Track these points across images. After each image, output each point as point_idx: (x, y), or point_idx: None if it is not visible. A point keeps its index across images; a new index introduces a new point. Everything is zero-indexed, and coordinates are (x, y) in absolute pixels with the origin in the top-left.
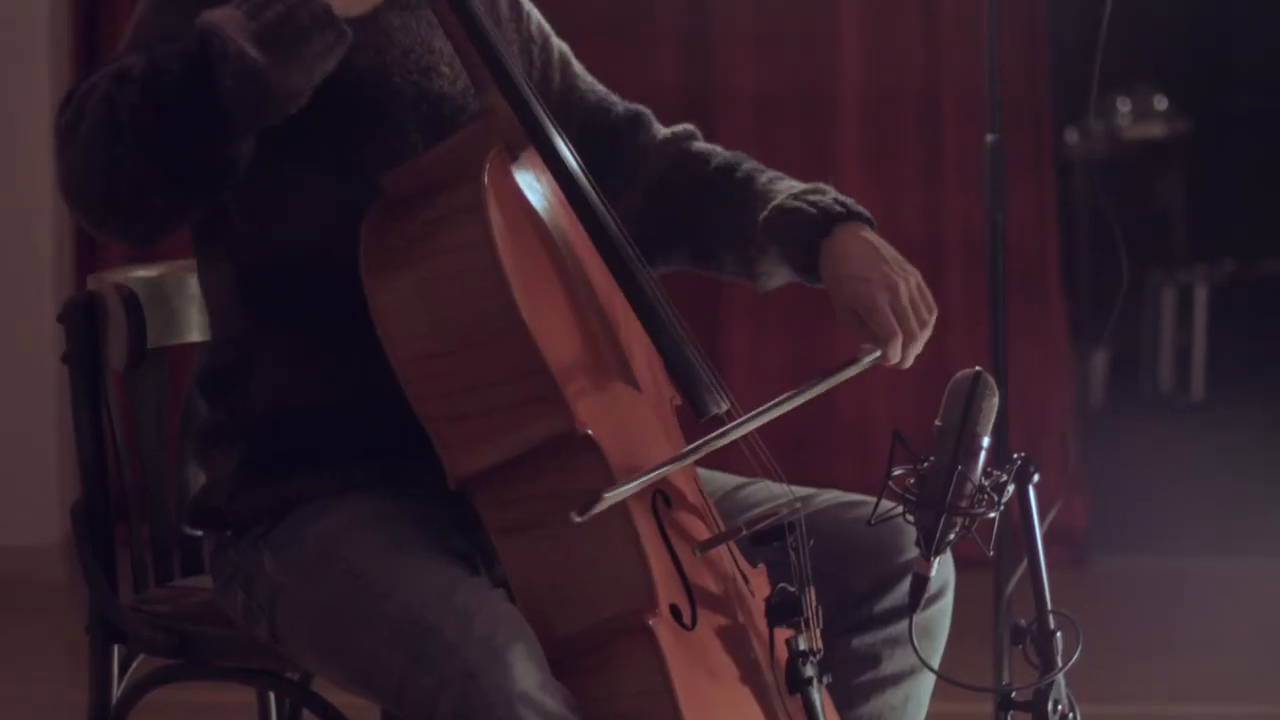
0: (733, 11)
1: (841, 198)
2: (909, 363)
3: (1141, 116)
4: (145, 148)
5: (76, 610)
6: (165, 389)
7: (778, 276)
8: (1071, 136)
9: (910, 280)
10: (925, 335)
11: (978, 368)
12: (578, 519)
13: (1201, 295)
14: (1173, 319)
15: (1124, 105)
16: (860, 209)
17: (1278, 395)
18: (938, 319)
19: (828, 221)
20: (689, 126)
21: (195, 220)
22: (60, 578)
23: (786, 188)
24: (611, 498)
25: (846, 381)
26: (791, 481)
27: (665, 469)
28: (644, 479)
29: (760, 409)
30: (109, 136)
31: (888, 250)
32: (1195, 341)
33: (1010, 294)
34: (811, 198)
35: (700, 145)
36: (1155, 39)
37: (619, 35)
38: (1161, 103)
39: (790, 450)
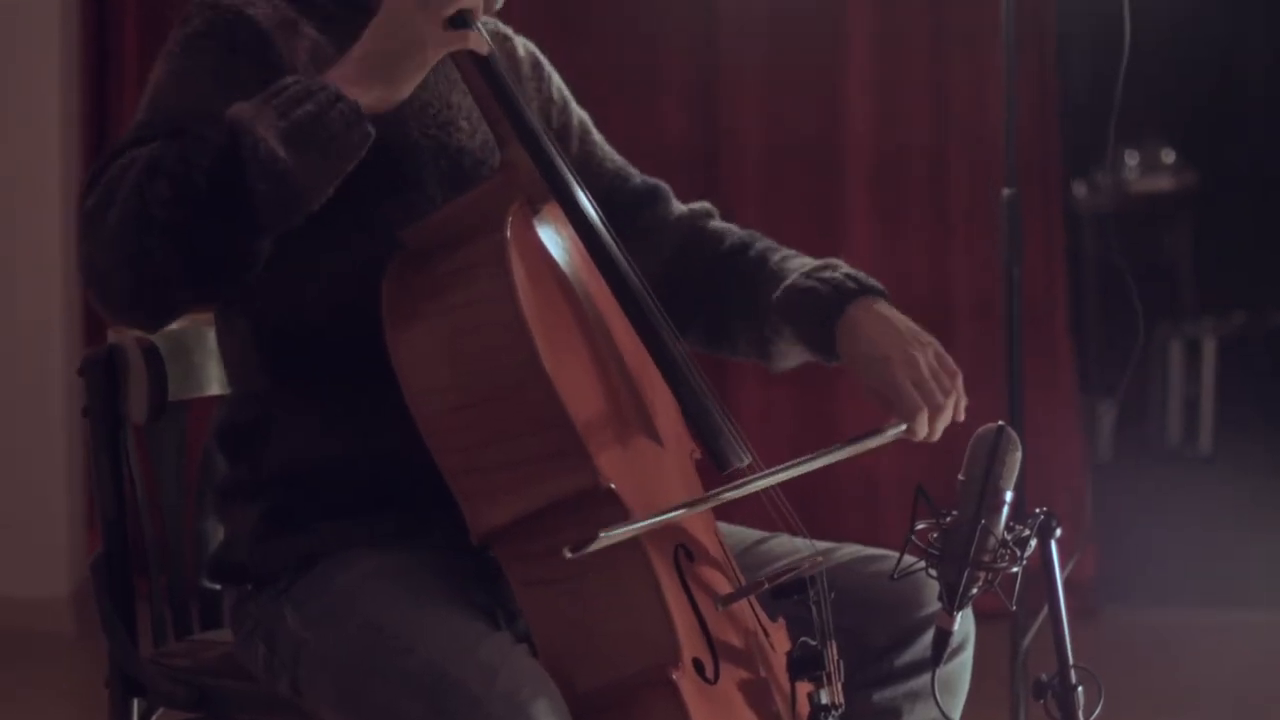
0: (740, 65)
1: (853, 272)
2: (937, 435)
3: (1149, 170)
4: (174, 243)
5: (87, 663)
6: (184, 442)
7: (792, 357)
8: (1079, 190)
9: (928, 351)
10: (952, 403)
11: (1001, 422)
12: (569, 555)
13: (1210, 348)
14: (1181, 371)
15: (1132, 159)
16: (872, 283)
17: None
18: None
19: (841, 299)
20: (706, 205)
21: None
22: (69, 630)
23: (798, 266)
24: (607, 538)
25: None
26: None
27: (659, 519)
28: (641, 525)
29: (780, 467)
30: (138, 230)
31: (903, 322)
32: (1203, 393)
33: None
34: (823, 275)
35: (716, 224)
36: (1163, 93)
37: (627, 88)
38: (1169, 156)
39: (794, 501)
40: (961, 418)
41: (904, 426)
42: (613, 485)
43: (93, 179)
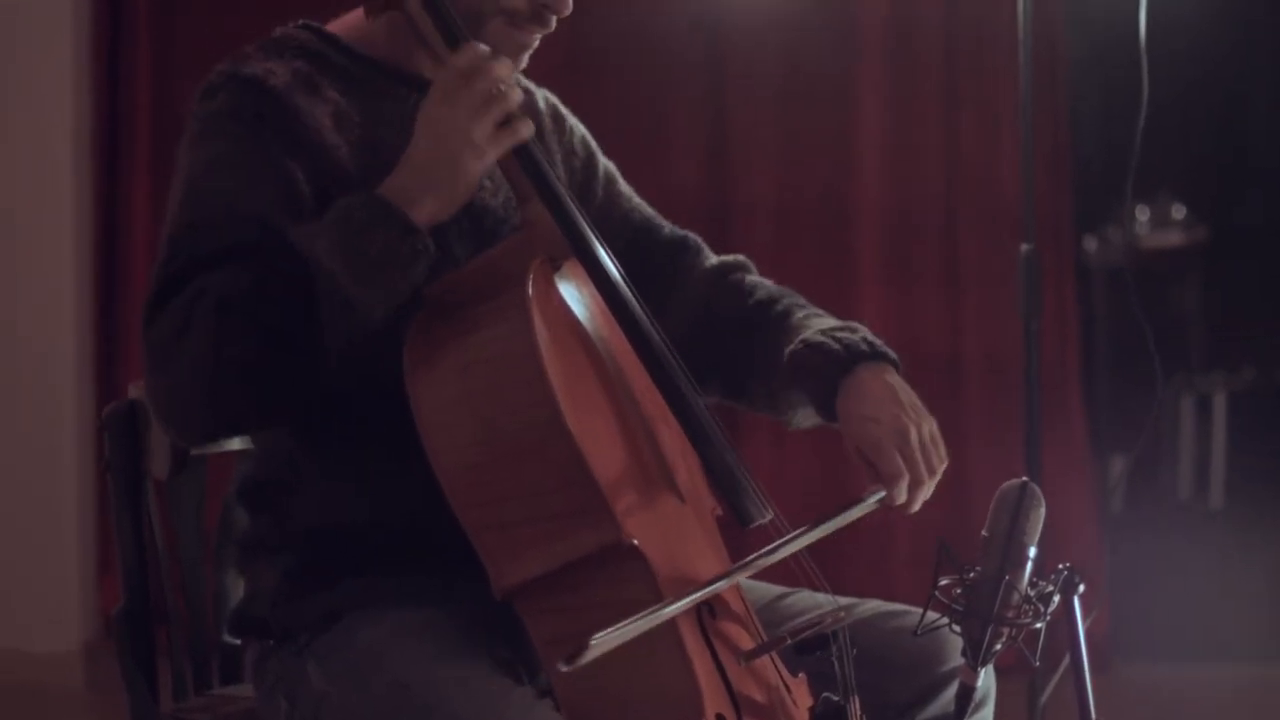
0: (751, 123)
1: (870, 337)
2: (915, 507)
3: (1160, 225)
4: (249, 384)
5: (99, 718)
6: (204, 497)
7: (802, 413)
8: (1090, 245)
9: (923, 427)
10: (933, 482)
11: (1024, 478)
12: (564, 668)
13: (1220, 403)
14: (1192, 426)
15: (1142, 214)
16: (887, 350)
17: None
18: (958, 425)
19: (851, 359)
20: (740, 258)
21: None
22: (81, 684)
23: (818, 323)
24: (598, 644)
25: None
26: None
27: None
28: (633, 623)
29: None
30: (214, 372)
31: (906, 395)
32: (1214, 449)
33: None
34: (839, 335)
35: (750, 278)
36: (1173, 149)
37: (637, 145)
38: (1180, 211)
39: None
40: (929, 495)
41: (883, 493)
42: (636, 541)
43: (154, 305)
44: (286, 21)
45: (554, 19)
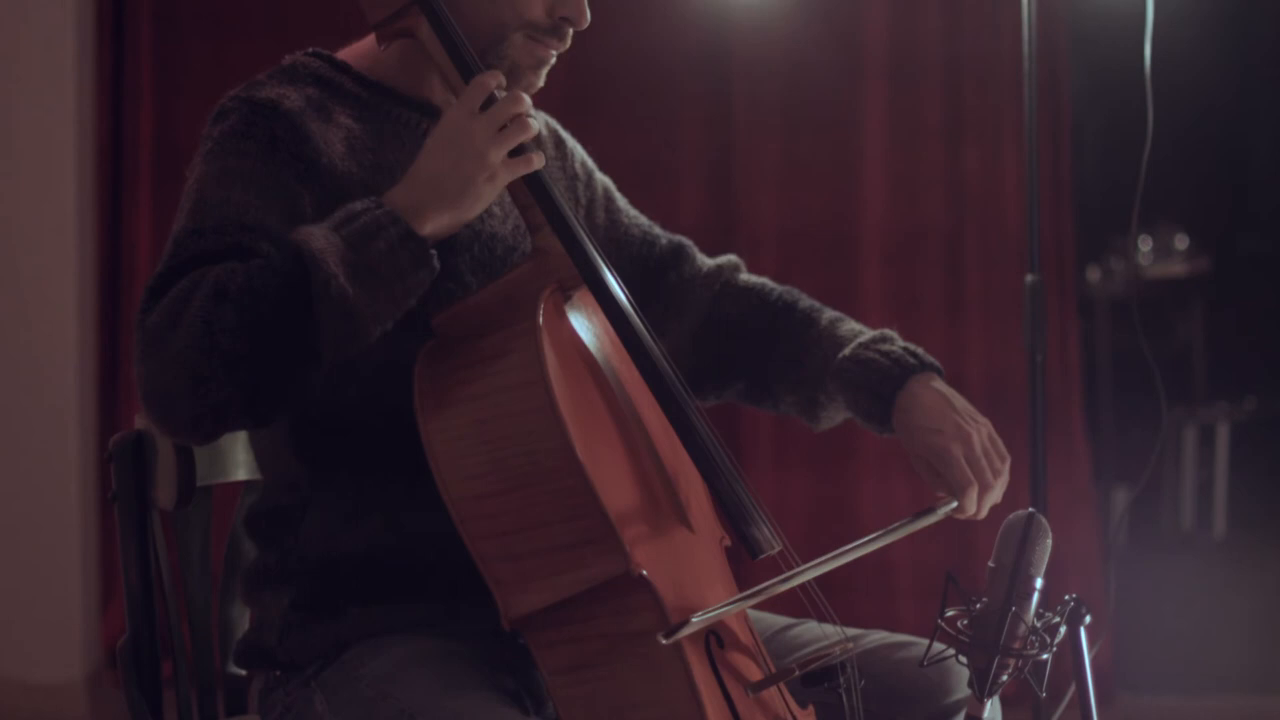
0: (757, 150)
1: (911, 347)
2: (984, 513)
3: (1163, 255)
4: (236, 373)
5: None
6: (210, 527)
7: (837, 419)
8: (1093, 275)
9: (982, 430)
10: (1001, 484)
11: (1031, 509)
12: (664, 640)
13: (1223, 433)
14: (1194, 457)
15: (1145, 244)
16: (930, 359)
17: None
18: None
19: (902, 374)
20: (733, 258)
21: None
22: (83, 715)
23: (849, 332)
24: (700, 620)
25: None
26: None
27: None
28: (729, 605)
29: (841, 550)
30: (202, 357)
31: (959, 401)
32: (1217, 479)
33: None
34: (882, 347)
35: (748, 277)
36: (1175, 179)
37: (643, 171)
38: (1182, 242)
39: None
40: (999, 500)
41: (954, 504)
42: (645, 572)
43: (152, 294)
44: (289, 50)
45: (571, 33)
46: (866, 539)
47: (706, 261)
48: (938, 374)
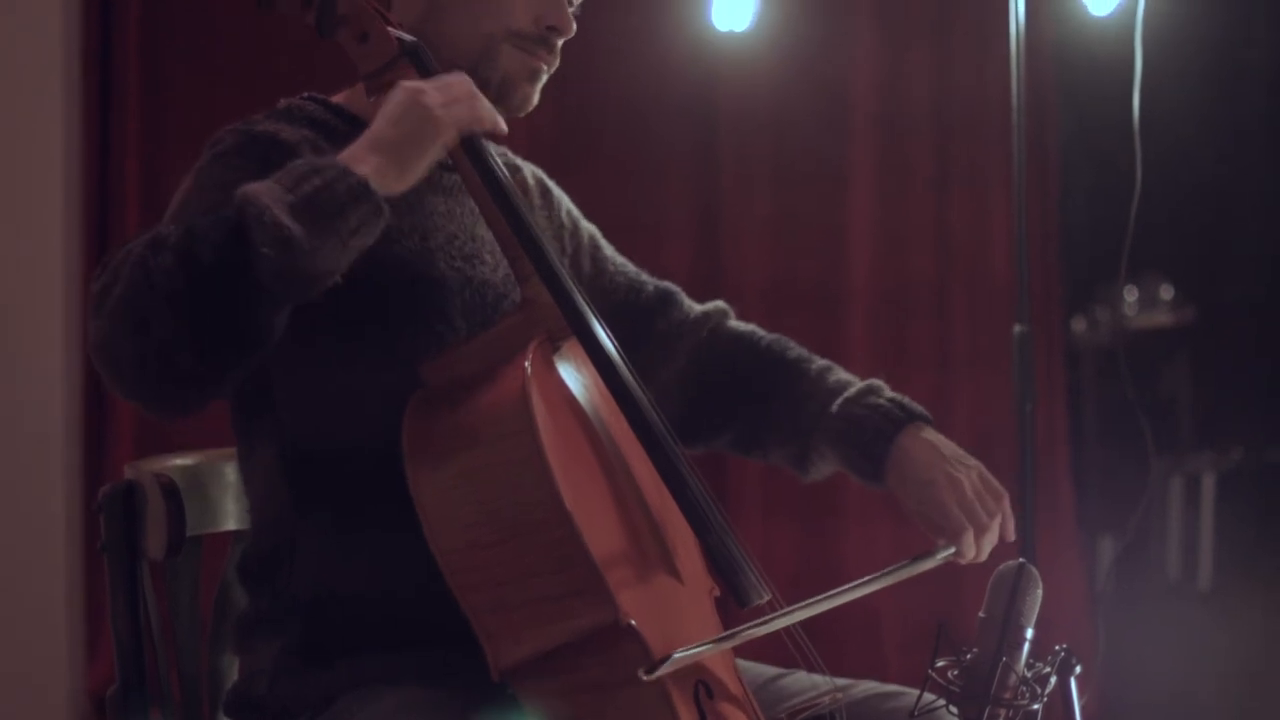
0: (743, 202)
1: (898, 398)
2: (985, 555)
3: (1148, 306)
4: (176, 311)
5: None
6: (199, 577)
7: (828, 471)
8: (1078, 325)
9: (973, 473)
10: (997, 524)
11: (1021, 559)
12: (645, 677)
13: (1209, 483)
14: (1180, 506)
15: (1131, 294)
16: (917, 408)
17: None
18: None
19: (891, 429)
20: (721, 304)
21: (235, 405)
22: None
23: (838, 384)
24: (681, 657)
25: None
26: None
27: (738, 635)
28: (708, 646)
29: (829, 594)
30: (141, 299)
31: (948, 448)
32: (1203, 529)
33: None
34: (869, 400)
35: (738, 325)
36: (1160, 229)
37: (629, 224)
38: (1168, 292)
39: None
40: (1011, 537)
41: (953, 549)
42: (633, 622)
43: (102, 265)
44: (275, 97)
45: (559, 41)
46: (860, 581)
47: (694, 307)
48: (926, 423)
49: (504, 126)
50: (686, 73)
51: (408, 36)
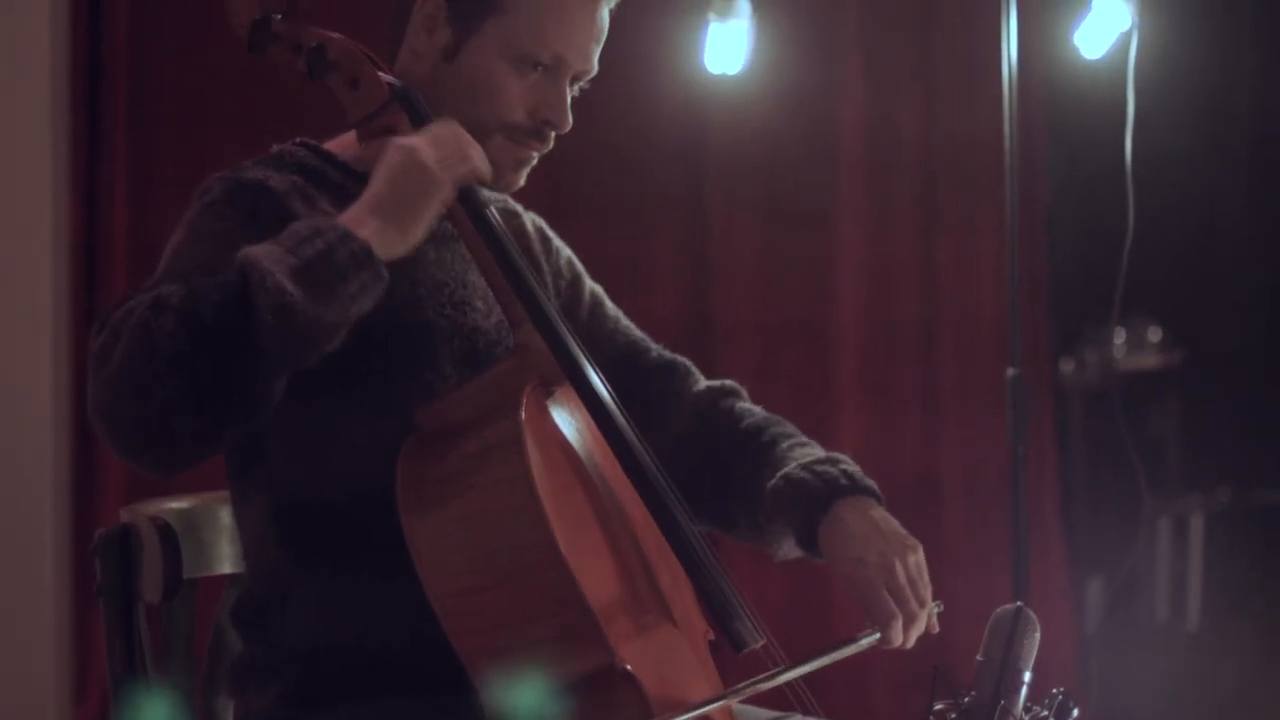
0: (732, 246)
1: (851, 470)
2: (911, 643)
3: (1136, 348)
4: (178, 375)
5: None
6: (194, 621)
7: (787, 546)
8: (1066, 367)
9: (909, 559)
10: (925, 614)
11: (1020, 603)
12: None
13: (1197, 525)
14: (1168, 548)
15: (1119, 337)
16: (868, 483)
17: (1274, 625)
18: (939, 549)
19: (830, 495)
20: (730, 383)
21: (228, 453)
22: None
23: (801, 455)
24: None
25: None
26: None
27: (711, 706)
28: (690, 715)
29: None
30: (143, 362)
31: (889, 526)
32: (1191, 570)
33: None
34: (819, 468)
35: (740, 405)
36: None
37: (617, 269)
38: (1156, 334)
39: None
40: (935, 629)
41: (877, 635)
42: (629, 666)
43: (102, 322)
44: (263, 138)
45: (553, 134)
46: (787, 666)
47: (701, 381)
48: (874, 498)
49: (490, 171)
50: (679, 116)
51: (398, 81)
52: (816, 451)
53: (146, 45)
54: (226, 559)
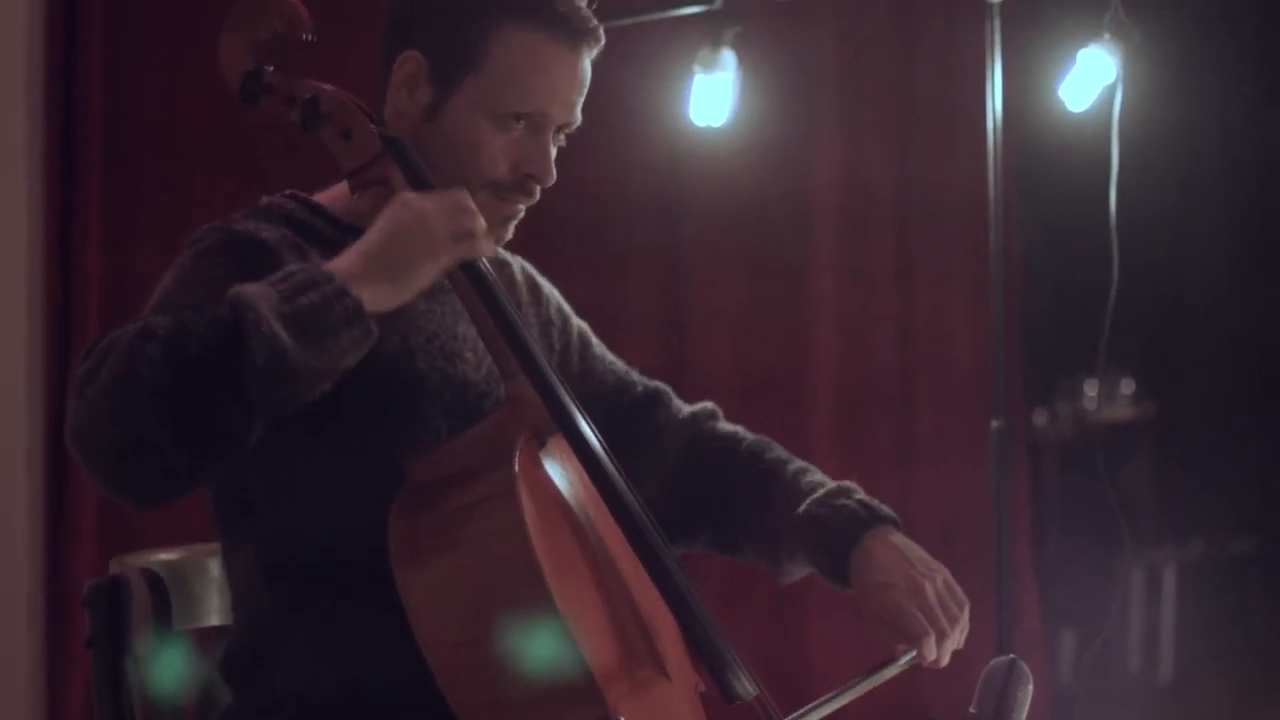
0: (707, 296)
1: (867, 500)
2: (946, 659)
3: (1109, 400)
4: (159, 404)
5: None
6: (185, 672)
7: (799, 573)
8: (1040, 419)
9: (936, 579)
10: (960, 630)
11: (1013, 655)
12: None
13: (1170, 576)
14: (1141, 599)
15: (1091, 389)
16: (885, 511)
17: (1247, 676)
18: None
19: (855, 530)
20: (709, 405)
21: (216, 504)
22: None
23: (809, 485)
24: None
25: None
26: None
27: None
28: None
29: (802, 710)
30: (124, 388)
31: (913, 551)
32: (1164, 622)
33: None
34: (838, 503)
35: (722, 426)
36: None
37: (592, 320)
38: (1129, 386)
39: None
40: (961, 645)
41: (914, 653)
42: (623, 719)
43: (87, 352)
44: (239, 186)
45: (538, 189)
46: (833, 695)
47: (683, 408)
48: (894, 526)
49: (492, 249)
50: (661, 167)
51: (390, 133)
52: (822, 479)
53: (122, 88)
54: (215, 611)
